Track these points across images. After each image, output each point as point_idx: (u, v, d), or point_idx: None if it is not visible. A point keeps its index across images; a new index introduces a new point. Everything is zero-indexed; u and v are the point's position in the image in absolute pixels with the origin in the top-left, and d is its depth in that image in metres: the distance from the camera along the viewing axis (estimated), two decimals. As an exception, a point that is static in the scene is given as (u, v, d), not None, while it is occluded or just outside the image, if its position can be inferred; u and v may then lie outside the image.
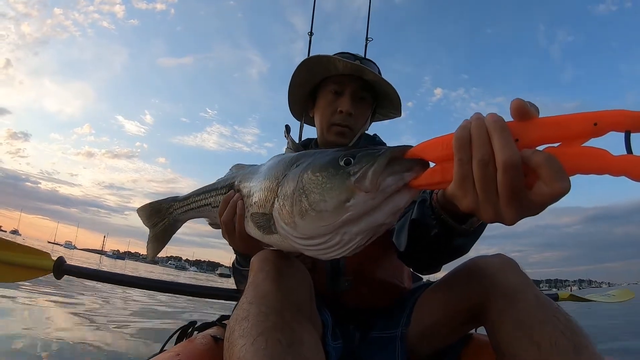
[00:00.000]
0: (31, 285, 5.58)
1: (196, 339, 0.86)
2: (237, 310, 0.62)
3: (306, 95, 1.23)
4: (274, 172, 0.66)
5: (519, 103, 0.43)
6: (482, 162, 0.43)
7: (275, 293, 0.63)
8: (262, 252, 0.76)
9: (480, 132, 0.44)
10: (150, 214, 0.99)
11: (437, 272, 0.88)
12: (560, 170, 0.40)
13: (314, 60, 1.11)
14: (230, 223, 0.76)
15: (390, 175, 0.50)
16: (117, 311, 4.97)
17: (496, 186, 0.43)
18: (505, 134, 0.43)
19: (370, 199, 0.50)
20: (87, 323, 3.61)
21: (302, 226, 0.55)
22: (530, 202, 0.43)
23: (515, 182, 0.42)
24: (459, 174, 0.45)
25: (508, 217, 0.45)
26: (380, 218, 0.52)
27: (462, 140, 0.45)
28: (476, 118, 0.46)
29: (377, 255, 1.00)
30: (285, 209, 0.58)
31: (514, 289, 0.70)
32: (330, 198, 0.53)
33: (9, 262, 1.35)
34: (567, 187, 0.40)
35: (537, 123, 0.43)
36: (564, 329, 0.61)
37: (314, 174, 0.57)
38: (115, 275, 1.42)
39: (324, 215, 0.53)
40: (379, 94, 1.17)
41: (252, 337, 0.54)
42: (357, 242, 0.54)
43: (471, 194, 0.46)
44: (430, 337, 0.87)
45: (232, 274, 1.04)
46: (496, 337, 0.69)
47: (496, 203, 0.44)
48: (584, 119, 0.40)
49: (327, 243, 0.55)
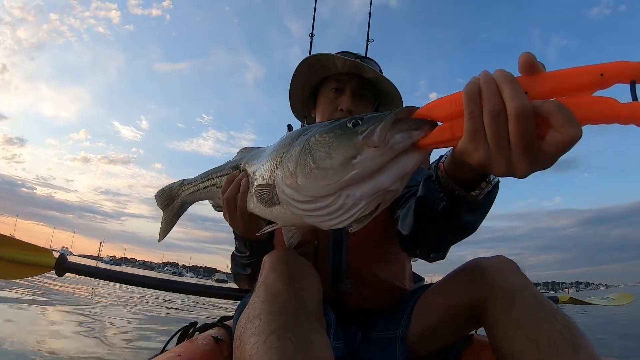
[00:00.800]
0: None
1: (197, 339, 0.86)
2: (248, 309, 0.63)
3: (307, 95, 1.23)
4: (281, 144, 0.66)
5: (527, 56, 0.44)
6: (493, 112, 0.44)
7: (287, 293, 0.63)
8: (274, 252, 0.76)
9: (490, 85, 0.44)
10: (162, 197, 1.04)
11: (443, 258, 0.85)
12: (571, 116, 0.40)
13: (314, 58, 1.11)
14: (232, 200, 0.78)
15: (398, 132, 0.50)
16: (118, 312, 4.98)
17: (508, 137, 0.44)
18: (514, 84, 0.43)
19: (378, 156, 0.49)
20: (86, 325, 3.62)
21: (305, 186, 0.54)
22: (543, 153, 0.43)
23: (527, 131, 0.42)
24: (470, 127, 0.46)
25: (520, 169, 0.45)
26: (386, 181, 0.51)
27: (472, 93, 0.45)
28: (484, 74, 0.46)
29: (379, 256, 1.00)
30: (288, 171, 0.57)
31: (514, 289, 0.70)
32: (336, 155, 0.52)
33: (10, 259, 1.35)
34: (579, 133, 0.40)
35: (544, 76, 0.44)
36: (563, 329, 0.62)
37: (320, 135, 0.56)
38: (117, 273, 1.42)
39: (328, 173, 0.52)
40: (380, 93, 1.16)
41: (264, 336, 0.54)
42: (361, 208, 0.53)
43: (483, 147, 0.46)
44: (431, 338, 0.88)
45: (231, 263, 1.05)
46: (495, 338, 0.70)
47: (509, 155, 0.45)
48: (590, 71, 0.41)
49: (329, 207, 0.53)
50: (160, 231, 1.04)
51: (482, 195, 0.63)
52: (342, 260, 0.97)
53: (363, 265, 0.98)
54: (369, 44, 1.82)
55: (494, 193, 0.66)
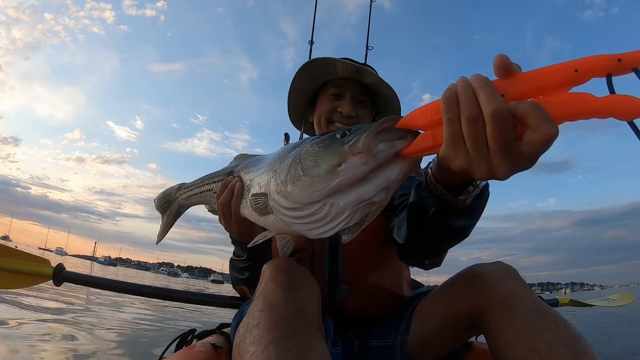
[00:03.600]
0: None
1: (195, 346, 0.86)
2: (247, 318, 0.63)
3: (306, 102, 1.23)
4: (278, 156, 0.68)
5: (501, 58, 0.44)
6: (470, 117, 0.44)
7: (286, 302, 0.63)
8: (273, 261, 0.76)
9: (466, 91, 0.45)
10: (161, 201, 1.08)
11: (438, 265, 0.86)
12: (546, 115, 0.41)
13: (316, 62, 1.12)
14: (227, 205, 0.79)
15: (382, 141, 0.51)
16: (115, 318, 4.93)
17: (486, 140, 0.44)
18: (489, 88, 0.44)
19: (362, 164, 0.51)
20: (81, 330, 3.58)
21: (294, 193, 0.56)
22: (521, 154, 0.44)
23: (504, 133, 0.43)
24: (449, 133, 0.46)
25: (501, 172, 0.46)
26: (370, 191, 0.53)
27: (449, 100, 0.46)
28: (461, 80, 0.47)
29: (376, 264, 1.00)
30: (280, 179, 0.60)
31: (513, 296, 0.70)
32: (322, 162, 0.54)
33: (8, 269, 1.35)
34: (555, 131, 0.41)
35: (520, 78, 0.44)
36: (564, 335, 0.61)
37: (311, 146, 0.58)
38: (115, 283, 1.41)
39: (315, 180, 0.54)
40: (379, 99, 1.17)
41: (262, 345, 0.54)
42: (345, 218, 0.54)
43: (463, 152, 0.47)
44: (430, 345, 0.87)
45: (229, 268, 1.06)
46: (496, 345, 0.69)
47: (488, 158, 0.45)
48: (564, 68, 0.42)
49: (315, 215, 0.55)
50: (159, 234, 1.07)
51: (470, 199, 0.64)
52: (338, 268, 0.97)
53: (359, 273, 0.98)
54: (369, 52, 1.82)
55: (484, 197, 0.67)
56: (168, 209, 1.05)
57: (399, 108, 1.19)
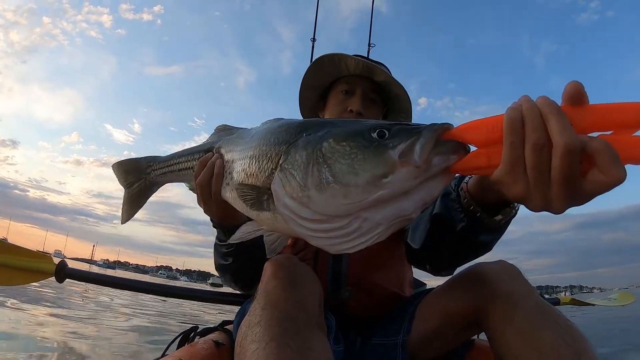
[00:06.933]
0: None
1: (198, 343, 0.86)
2: (249, 316, 0.63)
3: (317, 98, 1.23)
4: (273, 138, 0.57)
5: (576, 86, 0.42)
6: (537, 145, 0.41)
7: (287, 300, 0.63)
8: (276, 258, 0.75)
9: (535, 115, 0.42)
10: (126, 171, 0.92)
11: (452, 274, 0.84)
12: (617, 157, 0.38)
13: (326, 58, 1.11)
14: (206, 187, 0.73)
15: (437, 154, 0.45)
16: (116, 316, 4.95)
17: (549, 172, 0.42)
18: (562, 117, 0.41)
19: (413, 178, 0.44)
20: (83, 327, 3.60)
21: (319, 202, 0.47)
22: (582, 191, 0.42)
23: (571, 168, 0.40)
24: (510, 158, 0.43)
25: (557, 206, 0.43)
26: (410, 207, 0.46)
27: (514, 122, 0.43)
28: (526, 100, 0.44)
29: (379, 264, 1.00)
30: (294, 181, 0.49)
31: (515, 295, 0.70)
32: (363, 170, 0.45)
33: (10, 265, 1.35)
34: (623, 176, 0.38)
35: (589, 109, 0.42)
36: (565, 335, 0.62)
37: (338, 142, 0.48)
38: (117, 279, 1.41)
39: (351, 191, 0.45)
40: (389, 98, 1.17)
41: (264, 342, 0.54)
42: (377, 234, 0.48)
43: (522, 181, 0.44)
44: (432, 343, 0.87)
45: (213, 254, 0.96)
46: (497, 343, 0.70)
47: (547, 190, 0.43)
48: (637, 108, 0.40)
49: (343, 230, 0.47)
50: (123, 212, 0.93)
51: (505, 221, 0.63)
52: (342, 267, 0.97)
53: (363, 273, 0.98)
54: (371, 49, 1.81)
55: (511, 218, 0.65)
56: (136, 183, 0.91)
57: (410, 109, 1.18)
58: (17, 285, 1.46)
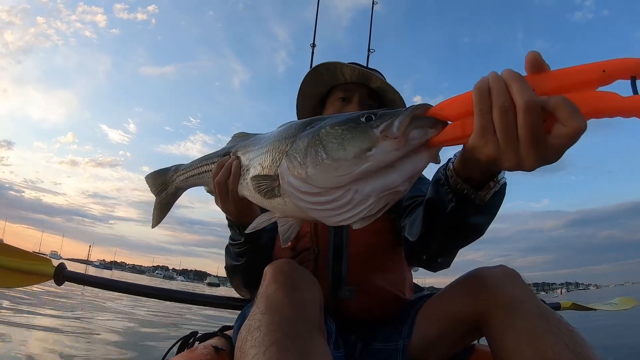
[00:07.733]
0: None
1: (197, 349, 0.86)
2: (249, 321, 0.63)
3: (314, 106, 1.24)
4: (284, 135, 0.65)
5: (534, 55, 0.46)
6: (502, 108, 0.46)
7: (287, 304, 0.63)
8: (275, 263, 0.76)
9: (499, 83, 0.47)
10: (155, 181, 1.01)
11: (448, 266, 0.86)
12: (576, 110, 0.42)
13: (323, 68, 1.13)
14: (223, 184, 0.78)
15: (416, 128, 0.51)
16: (115, 320, 4.93)
17: (517, 132, 0.46)
18: (522, 81, 0.46)
19: (394, 149, 0.50)
20: (80, 330, 3.58)
21: (315, 177, 0.54)
22: (550, 146, 0.45)
23: (535, 125, 0.44)
24: (480, 123, 0.48)
25: (528, 163, 0.47)
26: (397, 178, 0.51)
27: (481, 91, 0.47)
28: (493, 73, 0.48)
29: (380, 265, 1.00)
30: (296, 161, 0.57)
31: (516, 300, 0.70)
32: (350, 146, 0.52)
33: (9, 267, 1.35)
34: (583, 126, 0.42)
35: (549, 75, 0.46)
36: (567, 339, 0.61)
37: (332, 127, 0.56)
38: (115, 283, 1.41)
39: (341, 164, 0.51)
40: (384, 103, 1.18)
41: (264, 347, 0.54)
42: (369, 206, 0.53)
43: (492, 142, 0.48)
44: (433, 348, 0.87)
45: (225, 257, 1.00)
46: (498, 348, 0.69)
47: (517, 149, 0.47)
48: (593, 68, 0.44)
49: (337, 201, 0.53)
50: (154, 217, 1.01)
51: (490, 195, 0.64)
52: (342, 269, 0.97)
53: (363, 274, 0.98)
54: (370, 54, 1.82)
55: (501, 194, 0.67)
56: (164, 190, 1.00)
57: None
58: (15, 287, 1.46)
